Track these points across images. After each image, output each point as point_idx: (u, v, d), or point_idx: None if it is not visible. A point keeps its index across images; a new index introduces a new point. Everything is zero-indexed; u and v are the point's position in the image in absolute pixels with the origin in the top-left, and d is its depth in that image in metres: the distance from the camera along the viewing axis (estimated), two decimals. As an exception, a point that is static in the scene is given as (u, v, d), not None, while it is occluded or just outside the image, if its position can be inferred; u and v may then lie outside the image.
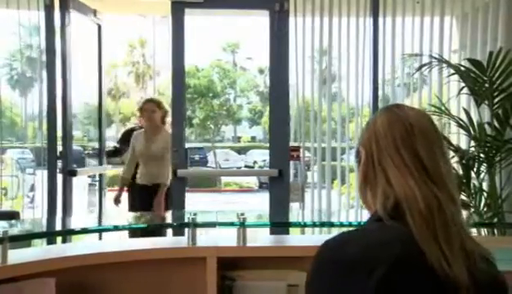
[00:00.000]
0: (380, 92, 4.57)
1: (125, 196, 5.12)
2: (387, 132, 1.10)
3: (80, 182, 5.58)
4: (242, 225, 1.81)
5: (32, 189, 5.92)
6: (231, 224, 1.83)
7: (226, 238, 1.91)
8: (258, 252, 1.80)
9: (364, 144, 1.14)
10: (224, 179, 18.80)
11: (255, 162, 21.28)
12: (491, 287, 1.05)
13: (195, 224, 1.80)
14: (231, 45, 27.85)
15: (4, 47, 4.58)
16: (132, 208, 4.88)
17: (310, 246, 1.73)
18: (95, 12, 4.88)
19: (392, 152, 1.08)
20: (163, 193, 4.67)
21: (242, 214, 1.86)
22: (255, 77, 27.38)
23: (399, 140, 1.08)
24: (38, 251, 1.78)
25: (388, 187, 1.06)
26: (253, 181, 18.49)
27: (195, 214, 1.84)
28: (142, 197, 4.73)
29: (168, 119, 4.84)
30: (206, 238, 1.90)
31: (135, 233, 2.85)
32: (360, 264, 0.97)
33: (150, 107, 4.84)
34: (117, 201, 4.95)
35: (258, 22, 4.57)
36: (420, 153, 1.06)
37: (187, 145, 4.66)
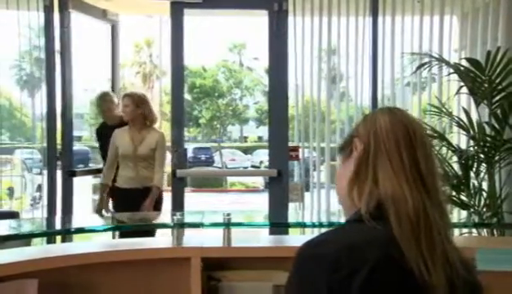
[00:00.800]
0: (380, 92, 4.55)
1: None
2: (389, 132, 1.08)
3: (85, 182, 5.61)
4: (227, 226, 1.81)
5: (38, 189, 5.96)
6: (216, 224, 1.82)
7: (213, 239, 1.91)
8: (242, 253, 1.80)
9: (362, 138, 1.11)
10: (230, 179, 18.80)
11: (261, 162, 21.26)
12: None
13: (180, 225, 1.80)
14: (237, 45, 27.85)
15: (13, 48, 4.61)
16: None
17: (295, 246, 1.72)
18: (105, 12, 4.85)
19: (392, 152, 1.06)
20: (154, 198, 4.20)
21: (228, 214, 1.86)
22: (262, 77, 27.38)
23: (402, 143, 1.07)
24: (22, 251, 1.78)
25: (377, 186, 1.05)
26: (259, 181, 18.48)
27: (180, 215, 1.84)
28: (129, 202, 4.15)
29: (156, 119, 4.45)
30: (192, 239, 1.90)
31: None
32: (343, 264, 0.96)
33: (124, 102, 4.36)
34: (101, 211, 4.36)
35: (265, 22, 4.54)
36: (419, 160, 1.06)
37: (195, 145, 4.58)
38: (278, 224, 2.39)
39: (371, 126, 1.10)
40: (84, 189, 5.87)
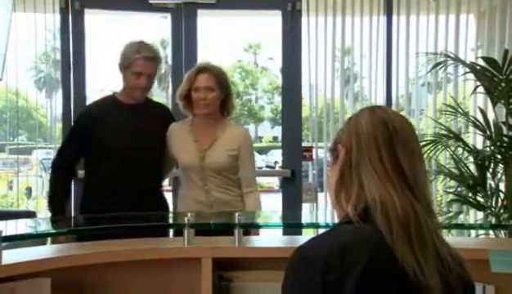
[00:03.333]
0: (394, 92, 4.52)
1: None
2: (370, 134, 1.09)
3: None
4: (238, 226, 1.80)
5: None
6: (228, 225, 1.82)
7: (225, 239, 1.91)
8: (253, 253, 1.80)
9: (344, 143, 1.12)
10: (245, 179, 18.74)
11: (276, 163, 21.22)
12: (462, 290, 1.07)
13: (190, 225, 1.80)
14: (252, 46, 27.88)
15: (30, 50, 4.68)
16: None
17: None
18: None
19: (373, 155, 1.07)
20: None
21: (239, 215, 1.86)
22: (277, 77, 27.39)
23: (382, 143, 1.08)
24: (35, 250, 1.80)
25: (363, 189, 1.06)
26: (274, 181, 18.44)
27: (191, 215, 1.84)
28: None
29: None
30: (204, 239, 1.90)
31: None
32: (335, 266, 0.98)
33: (201, 80, 2.72)
34: None
35: (279, 22, 4.52)
36: (401, 161, 1.07)
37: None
38: (291, 225, 2.38)
39: (352, 129, 1.12)
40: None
